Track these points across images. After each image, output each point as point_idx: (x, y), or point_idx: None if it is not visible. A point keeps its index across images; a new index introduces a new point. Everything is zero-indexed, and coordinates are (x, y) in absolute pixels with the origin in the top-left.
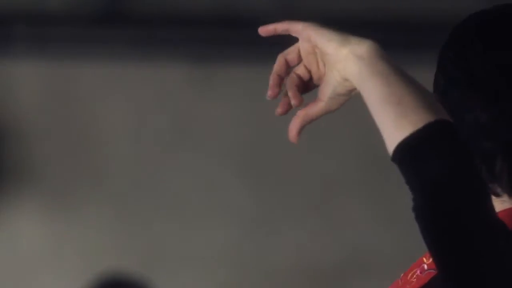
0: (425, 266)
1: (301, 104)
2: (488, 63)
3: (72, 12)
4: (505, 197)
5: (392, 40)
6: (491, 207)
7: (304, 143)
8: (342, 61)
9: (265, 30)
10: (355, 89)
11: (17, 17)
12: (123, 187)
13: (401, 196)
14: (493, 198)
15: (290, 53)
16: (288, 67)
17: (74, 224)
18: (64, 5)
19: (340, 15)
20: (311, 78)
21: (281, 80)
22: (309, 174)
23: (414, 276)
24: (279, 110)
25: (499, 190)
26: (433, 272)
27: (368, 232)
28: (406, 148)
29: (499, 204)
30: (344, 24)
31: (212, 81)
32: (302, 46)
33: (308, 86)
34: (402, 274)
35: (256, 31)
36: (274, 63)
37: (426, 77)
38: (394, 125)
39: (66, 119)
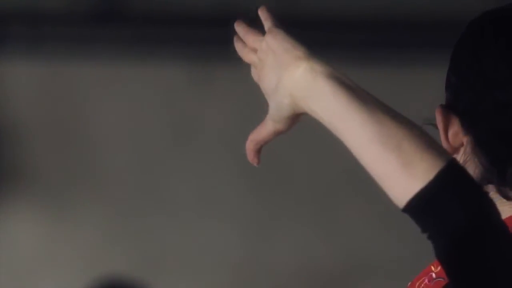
0: (433, 275)
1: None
2: (502, 65)
3: (69, 12)
4: None
5: (392, 40)
6: None
7: (305, 145)
8: (296, 81)
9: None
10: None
11: (13, 17)
12: (121, 188)
13: None
14: (504, 202)
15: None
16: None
17: (71, 225)
18: (61, 4)
19: (339, 15)
20: None
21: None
22: (310, 176)
23: (422, 285)
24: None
25: (510, 193)
26: (442, 281)
27: (369, 235)
28: (423, 200)
29: (510, 208)
30: (344, 24)
31: (212, 81)
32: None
33: None
34: (409, 283)
35: (257, 29)
36: None
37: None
38: (400, 175)
39: (63, 119)
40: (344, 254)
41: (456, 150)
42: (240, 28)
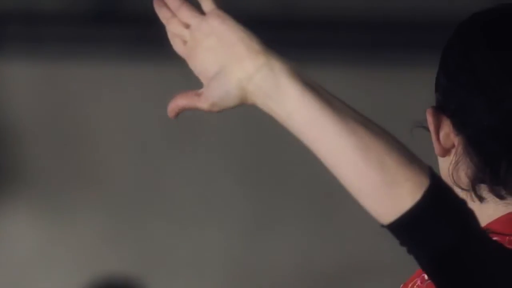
0: (426, 276)
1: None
2: (493, 64)
3: (67, 12)
4: (509, 200)
5: (391, 40)
6: (503, 255)
7: (304, 146)
8: (252, 76)
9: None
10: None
11: (11, 17)
12: (120, 189)
13: None
14: (497, 200)
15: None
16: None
17: (69, 226)
18: (59, 4)
19: (338, 15)
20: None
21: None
22: (309, 177)
23: (415, 286)
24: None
25: (503, 192)
26: None
27: (367, 236)
28: (411, 219)
29: (503, 207)
30: (342, 24)
31: None
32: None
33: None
34: (402, 285)
35: (255, 29)
36: None
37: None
38: (384, 194)
39: (61, 120)
40: (343, 255)
41: (448, 151)
42: (174, 1)
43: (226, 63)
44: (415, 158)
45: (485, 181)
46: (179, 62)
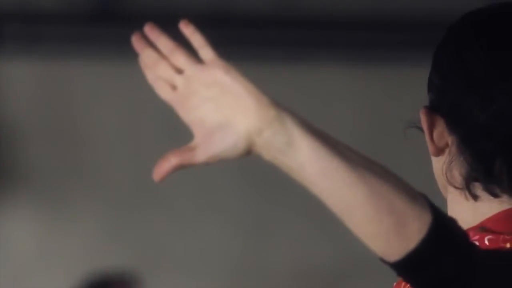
0: None
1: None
2: (485, 63)
3: (66, 11)
4: (504, 198)
5: (389, 39)
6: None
7: None
8: (262, 130)
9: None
10: (248, 153)
11: (10, 16)
12: (118, 187)
13: None
14: (491, 199)
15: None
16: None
17: (67, 223)
18: (58, 4)
19: (336, 15)
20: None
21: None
22: None
23: (408, 285)
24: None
25: (498, 190)
26: None
27: None
28: (415, 258)
29: (498, 205)
30: (340, 23)
31: None
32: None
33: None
34: (395, 283)
35: (253, 29)
36: (271, 62)
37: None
38: (393, 237)
39: (59, 118)
40: (342, 255)
41: (441, 150)
42: (167, 42)
43: (232, 115)
44: (415, 192)
45: (479, 180)
46: None
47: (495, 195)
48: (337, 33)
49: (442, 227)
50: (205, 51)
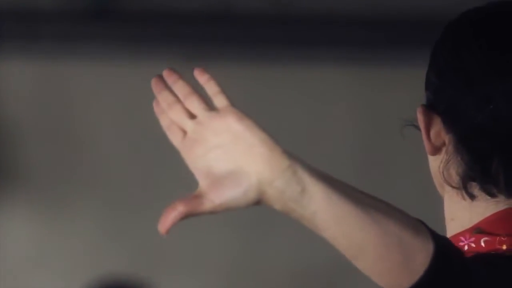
0: None
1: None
2: (482, 62)
3: (64, 10)
4: (500, 198)
5: (388, 39)
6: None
7: (301, 145)
8: (280, 176)
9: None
10: (258, 203)
11: (8, 15)
12: (117, 187)
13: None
14: (488, 198)
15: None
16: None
17: (66, 225)
18: (55, 2)
19: (334, 15)
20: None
21: None
22: None
23: None
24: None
25: (494, 190)
26: None
27: None
28: (422, 286)
29: (494, 205)
30: (336, 22)
31: None
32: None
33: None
34: None
35: (251, 28)
36: (269, 61)
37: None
38: (402, 271)
39: (57, 118)
40: (338, 254)
41: (438, 149)
42: (184, 86)
43: (244, 164)
44: (415, 222)
45: (476, 179)
46: (174, 60)
47: (491, 195)
48: (336, 32)
49: (443, 254)
50: (219, 99)
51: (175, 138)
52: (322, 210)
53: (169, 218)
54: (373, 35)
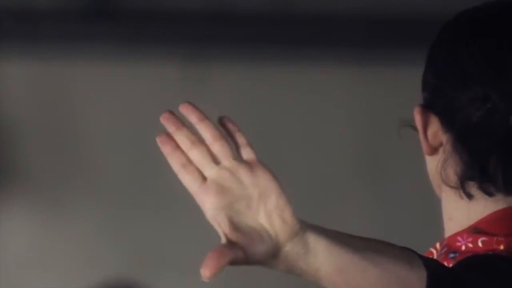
0: None
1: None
2: (480, 61)
3: (63, 9)
4: (498, 197)
5: (387, 39)
6: None
7: (301, 146)
8: (290, 240)
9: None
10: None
11: (6, 14)
12: (117, 187)
13: (397, 200)
14: (486, 197)
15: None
16: None
17: (65, 225)
18: (55, 2)
19: (335, 15)
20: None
21: None
22: (306, 176)
23: None
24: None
25: (492, 189)
26: None
27: (368, 235)
28: None
29: (492, 204)
30: (336, 22)
31: (206, 79)
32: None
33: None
34: None
35: (251, 28)
36: (269, 61)
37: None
38: None
39: (56, 118)
40: None
41: (436, 149)
42: (212, 127)
43: (265, 222)
44: (407, 253)
45: (474, 178)
46: (175, 60)
47: (489, 194)
48: (336, 32)
49: (437, 280)
50: (247, 150)
51: (192, 180)
52: (325, 265)
53: (214, 264)
54: (373, 35)
